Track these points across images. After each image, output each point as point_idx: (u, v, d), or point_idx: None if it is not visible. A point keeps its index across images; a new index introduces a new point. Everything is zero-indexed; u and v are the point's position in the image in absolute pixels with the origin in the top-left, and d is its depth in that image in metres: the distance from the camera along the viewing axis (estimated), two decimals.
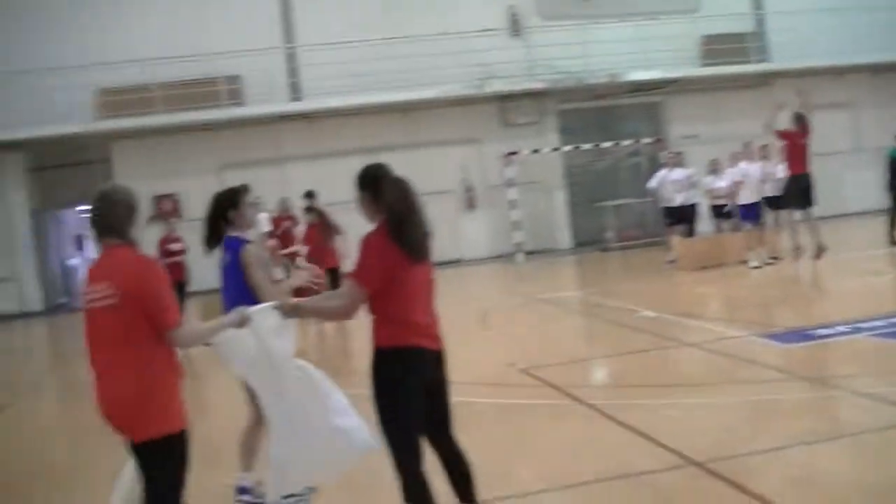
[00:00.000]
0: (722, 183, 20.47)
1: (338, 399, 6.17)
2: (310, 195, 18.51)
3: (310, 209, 18.28)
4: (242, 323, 5.75)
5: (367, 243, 5.53)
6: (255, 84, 27.63)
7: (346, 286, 5.57)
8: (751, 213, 19.98)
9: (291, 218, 20.22)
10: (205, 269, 24.96)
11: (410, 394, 5.51)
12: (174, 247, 18.33)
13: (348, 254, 16.46)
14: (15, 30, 26.94)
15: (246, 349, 5.87)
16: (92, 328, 5.25)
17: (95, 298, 5.18)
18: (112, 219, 5.28)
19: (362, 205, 5.75)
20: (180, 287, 18.60)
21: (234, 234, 7.25)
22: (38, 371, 17.70)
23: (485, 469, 7.34)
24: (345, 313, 5.62)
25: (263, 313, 5.86)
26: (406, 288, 5.55)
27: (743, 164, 20.19)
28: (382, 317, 5.57)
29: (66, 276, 32.10)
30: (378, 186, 5.68)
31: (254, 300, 6.55)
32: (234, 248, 7.13)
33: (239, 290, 6.97)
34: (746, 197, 19.99)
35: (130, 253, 5.27)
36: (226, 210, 7.32)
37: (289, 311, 5.89)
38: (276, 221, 20.12)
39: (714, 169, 20.95)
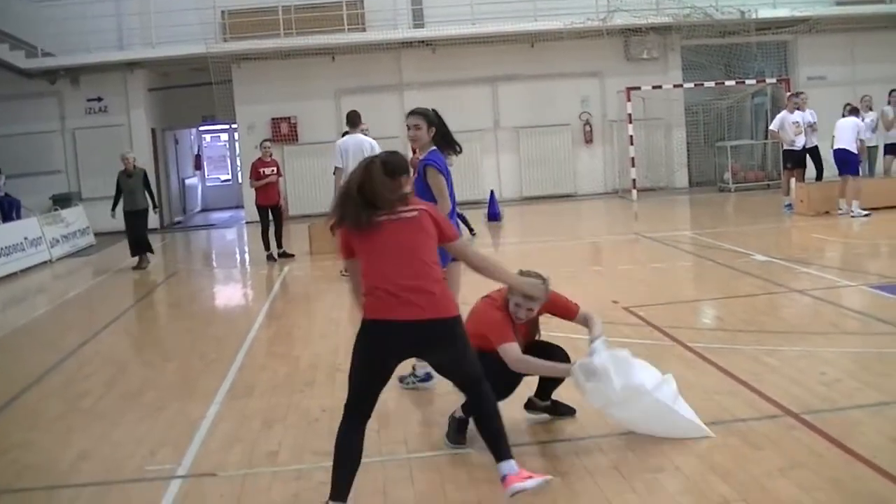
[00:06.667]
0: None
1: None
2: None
3: None
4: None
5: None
6: (377, 10, 27.54)
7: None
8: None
9: None
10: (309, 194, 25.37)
11: None
12: (267, 171, 19.09)
13: None
14: None
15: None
16: None
17: None
18: None
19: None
20: (275, 211, 19.03)
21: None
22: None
23: (576, 407, 7.33)
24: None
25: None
26: None
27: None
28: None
29: (184, 195, 32.72)
30: None
31: None
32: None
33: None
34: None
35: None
36: None
37: None
38: None
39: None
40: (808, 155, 20.98)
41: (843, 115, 20.24)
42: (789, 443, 6.48)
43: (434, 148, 8.56)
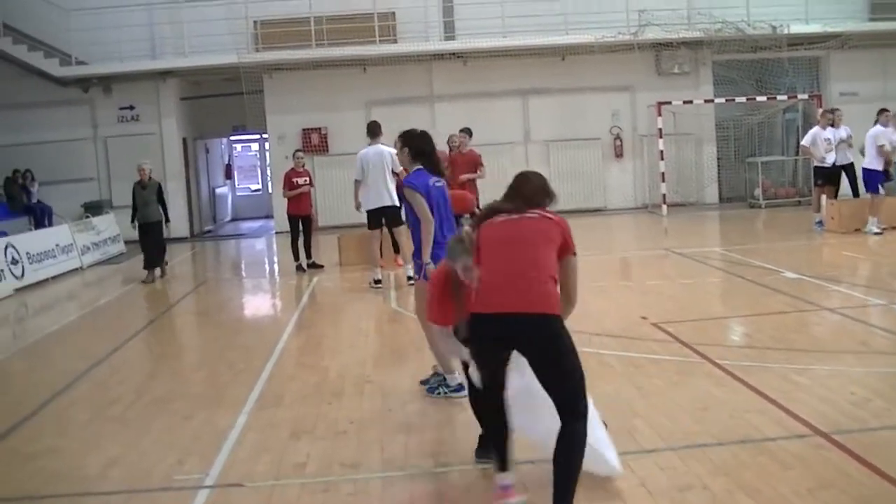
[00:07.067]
0: None
1: None
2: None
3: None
4: None
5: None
6: (409, 21, 27.62)
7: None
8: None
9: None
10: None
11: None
12: (300, 181, 19.20)
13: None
14: None
15: None
16: None
17: None
18: None
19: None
20: (305, 221, 19.05)
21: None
22: None
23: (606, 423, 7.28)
24: None
25: None
26: None
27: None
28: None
29: (214, 205, 32.86)
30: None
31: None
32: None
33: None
34: None
35: None
36: None
37: None
38: None
39: None
40: (842, 172, 20.79)
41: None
42: (818, 462, 6.45)
43: (419, 168, 8.61)
